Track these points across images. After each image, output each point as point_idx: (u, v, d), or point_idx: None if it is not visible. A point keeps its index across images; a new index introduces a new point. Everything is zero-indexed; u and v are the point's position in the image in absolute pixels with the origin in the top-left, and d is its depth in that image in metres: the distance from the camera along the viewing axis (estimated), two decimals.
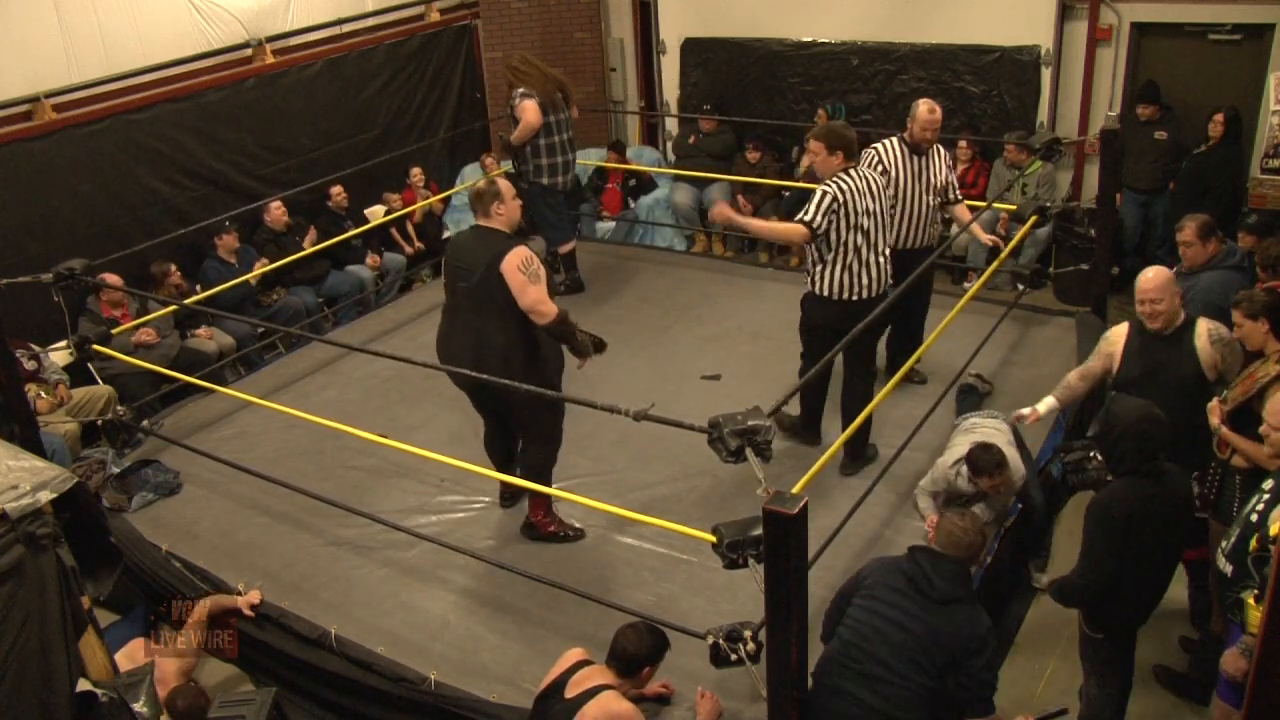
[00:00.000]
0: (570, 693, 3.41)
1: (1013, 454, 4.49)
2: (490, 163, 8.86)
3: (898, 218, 5.35)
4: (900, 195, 5.35)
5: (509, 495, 5.01)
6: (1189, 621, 4.46)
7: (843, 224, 4.59)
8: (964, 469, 4.45)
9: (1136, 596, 3.64)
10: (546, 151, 6.63)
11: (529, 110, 6.47)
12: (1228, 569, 3.37)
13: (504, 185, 4.44)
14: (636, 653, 3.46)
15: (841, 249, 4.64)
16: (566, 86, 6.89)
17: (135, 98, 7.08)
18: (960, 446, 4.56)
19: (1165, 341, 4.22)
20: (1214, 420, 3.93)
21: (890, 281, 4.88)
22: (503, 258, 4.20)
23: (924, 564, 3.26)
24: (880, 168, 5.29)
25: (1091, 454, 4.18)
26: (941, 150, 5.53)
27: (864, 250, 4.68)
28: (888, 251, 4.83)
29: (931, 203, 5.47)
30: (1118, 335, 4.45)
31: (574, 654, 3.61)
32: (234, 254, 7.18)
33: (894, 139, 5.41)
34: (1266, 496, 3.33)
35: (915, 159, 5.37)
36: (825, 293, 4.74)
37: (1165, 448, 3.50)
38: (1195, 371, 4.18)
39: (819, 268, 4.73)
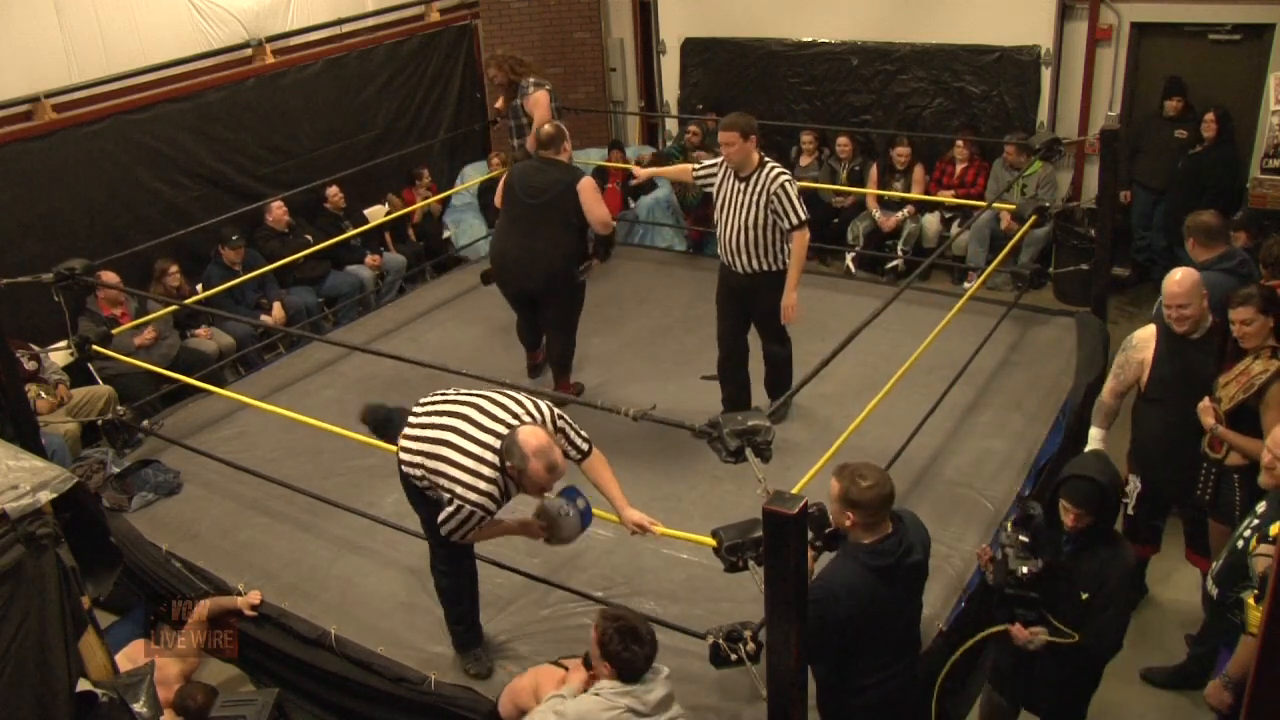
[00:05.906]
0: None
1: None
2: (496, 162, 8.87)
3: None
4: None
5: (535, 367, 5.98)
6: None
7: None
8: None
9: None
10: None
11: (540, 105, 6.66)
12: (1214, 591, 3.37)
13: (565, 129, 5.49)
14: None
15: None
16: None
17: (135, 98, 7.07)
18: None
19: (1195, 345, 4.10)
20: (1209, 420, 3.91)
21: None
22: (579, 181, 5.33)
23: (889, 554, 3.08)
24: None
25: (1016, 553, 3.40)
26: None
27: None
28: None
29: None
30: (1145, 340, 4.26)
31: None
32: (238, 265, 7.13)
33: None
34: (1255, 522, 3.30)
35: None
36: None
37: None
38: None
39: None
